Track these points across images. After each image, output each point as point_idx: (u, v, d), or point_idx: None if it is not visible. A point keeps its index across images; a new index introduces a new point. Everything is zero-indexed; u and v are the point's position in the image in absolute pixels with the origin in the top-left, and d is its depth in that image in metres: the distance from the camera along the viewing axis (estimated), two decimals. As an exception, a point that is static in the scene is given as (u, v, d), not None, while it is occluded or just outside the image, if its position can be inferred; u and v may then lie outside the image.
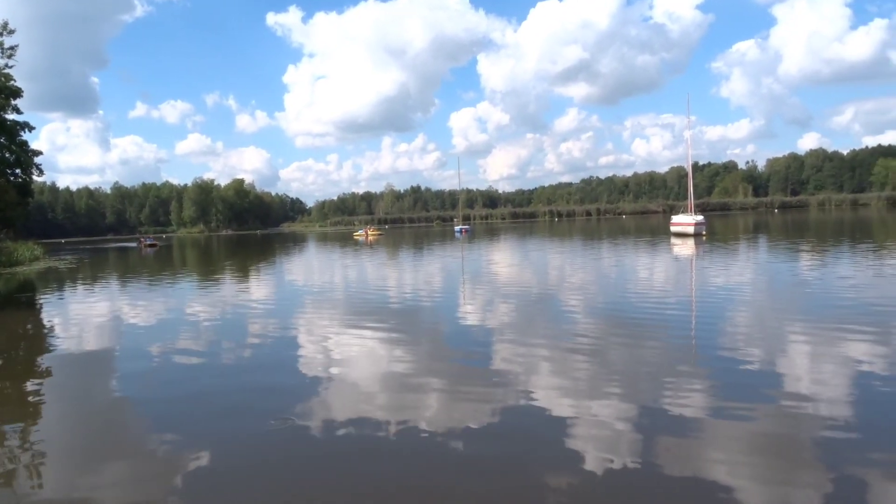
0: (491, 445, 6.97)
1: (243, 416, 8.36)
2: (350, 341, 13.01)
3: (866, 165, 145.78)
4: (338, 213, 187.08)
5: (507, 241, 60.48)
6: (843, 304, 14.71)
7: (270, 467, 6.62)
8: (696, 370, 9.68)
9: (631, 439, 6.91)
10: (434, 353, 11.83)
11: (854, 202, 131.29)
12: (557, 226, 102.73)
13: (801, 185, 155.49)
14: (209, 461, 6.87)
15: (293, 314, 17.22)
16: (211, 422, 8.23)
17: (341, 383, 9.75)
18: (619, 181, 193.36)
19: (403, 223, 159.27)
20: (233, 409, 8.65)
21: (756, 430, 7.07)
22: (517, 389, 8.91)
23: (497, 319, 15.10)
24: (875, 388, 8.28)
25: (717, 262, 27.84)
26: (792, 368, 9.50)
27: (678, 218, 54.03)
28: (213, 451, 7.14)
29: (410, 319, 15.85)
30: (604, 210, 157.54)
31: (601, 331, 13.02)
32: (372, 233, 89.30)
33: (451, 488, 5.99)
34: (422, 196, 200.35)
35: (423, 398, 8.85)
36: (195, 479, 6.46)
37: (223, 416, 8.43)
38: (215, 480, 6.42)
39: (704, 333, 12.58)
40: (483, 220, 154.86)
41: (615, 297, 18.27)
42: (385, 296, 20.76)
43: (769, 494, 5.58)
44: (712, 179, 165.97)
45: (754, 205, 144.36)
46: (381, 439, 7.26)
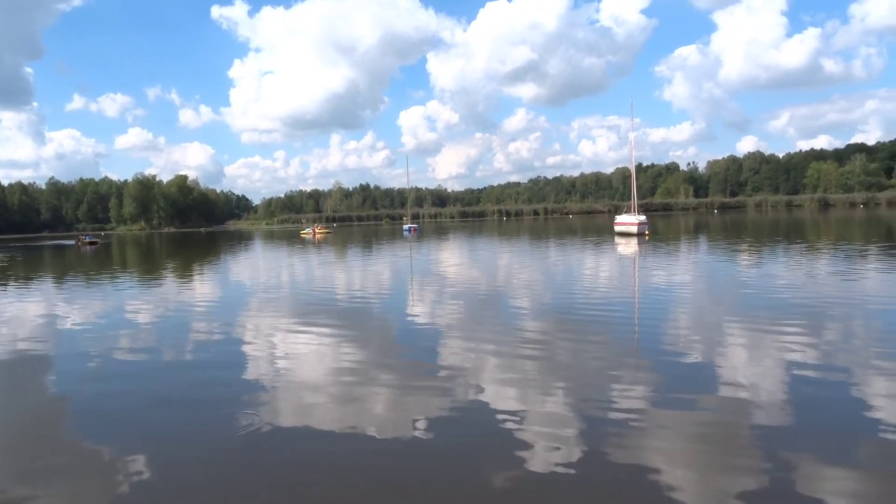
0: (440, 441, 7.02)
1: (186, 417, 8.20)
2: (297, 341, 12.87)
3: (800, 168, 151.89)
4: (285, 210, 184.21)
5: (455, 239, 60.72)
6: (777, 301, 15.33)
7: (215, 467, 6.51)
8: (639, 364, 9.95)
9: (577, 432, 7.05)
10: (382, 352, 11.82)
11: (789, 203, 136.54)
12: (506, 225, 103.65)
13: (740, 187, 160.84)
14: (149, 464, 6.70)
15: (239, 314, 16.92)
16: (152, 424, 8.01)
17: (288, 383, 9.64)
18: (567, 181, 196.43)
19: (352, 221, 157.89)
20: (175, 411, 8.46)
21: (696, 420, 7.31)
22: (466, 386, 8.98)
23: (445, 317, 15.16)
24: (805, 380, 8.66)
25: (659, 261, 28.59)
26: (729, 362, 9.85)
27: (622, 218, 55.23)
28: (154, 454, 6.95)
29: (358, 318, 15.78)
30: (551, 210, 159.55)
31: (548, 328, 13.24)
32: (319, 231, 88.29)
33: (399, 483, 6.01)
34: (371, 194, 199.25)
35: (372, 396, 8.83)
36: (135, 481, 6.29)
37: (165, 417, 8.23)
38: (156, 482, 6.28)
39: (647, 329, 12.93)
40: (432, 219, 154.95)
41: (561, 295, 18.58)
42: (332, 295, 20.61)
43: (708, 482, 5.78)
44: (655, 180, 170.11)
45: (695, 205, 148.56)
46: (328, 437, 7.22)
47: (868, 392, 8.04)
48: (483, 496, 5.72)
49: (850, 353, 10.08)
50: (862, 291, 16.57)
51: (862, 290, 16.73)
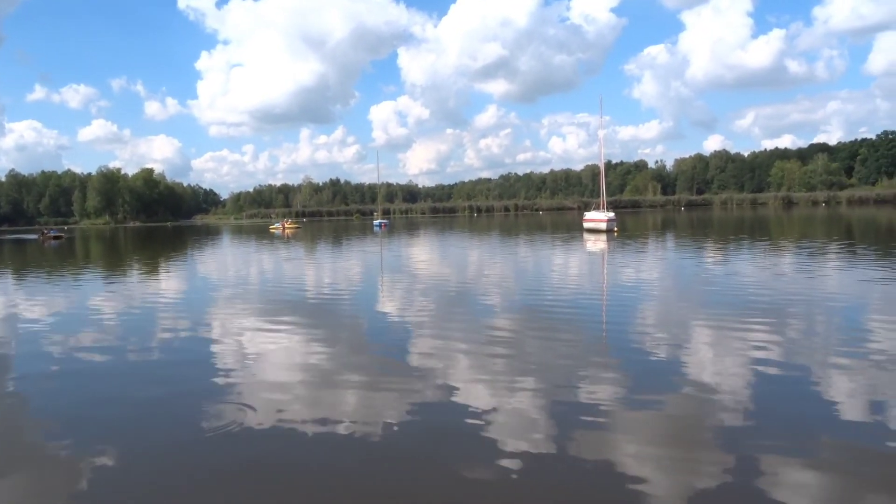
0: (409, 438, 7.02)
1: (150, 418, 8.08)
2: (266, 338, 12.75)
3: (765, 167, 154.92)
4: (254, 205, 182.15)
5: (426, 235, 60.68)
6: (742, 298, 15.63)
7: (180, 470, 6.43)
8: (607, 361, 10.06)
9: (547, 428, 7.12)
10: (352, 349, 11.76)
11: (753, 201, 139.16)
12: (476, 221, 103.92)
13: (706, 185, 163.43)
14: (110, 467, 6.58)
15: (206, 311, 16.70)
16: (113, 425, 7.87)
17: (257, 381, 9.54)
18: (537, 178, 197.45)
19: (322, 217, 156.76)
20: (138, 412, 8.33)
21: (662, 416, 7.44)
22: (436, 383, 9.00)
23: (416, 314, 15.16)
24: (767, 376, 8.84)
25: (627, 258, 28.93)
26: (696, 358, 10.02)
27: (591, 214, 55.76)
28: (116, 457, 6.82)
29: (328, 315, 15.69)
30: (521, 206, 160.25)
31: (518, 324, 13.32)
32: (289, 226, 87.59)
33: (369, 480, 6.00)
34: (341, 189, 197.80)
35: (343, 393, 8.80)
36: (94, 485, 6.18)
37: (127, 419, 8.10)
38: (118, 486, 6.17)
39: (615, 326, 13.08)
40: (403, 215, 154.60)
41: (531, 291, 18.69)
42: (302, 291, 20.45)
43: (674, 476, 5.87)
44: (624, 178, 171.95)
45: (663, 203, 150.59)
46: (299, 435, 7.17)
47: (827, 387, 8.25)
48: (453, 492, 5.73)
49: (810, 349, 10.32)
50: (823, 289, 16.96)
51: (823, 288, 17.13)
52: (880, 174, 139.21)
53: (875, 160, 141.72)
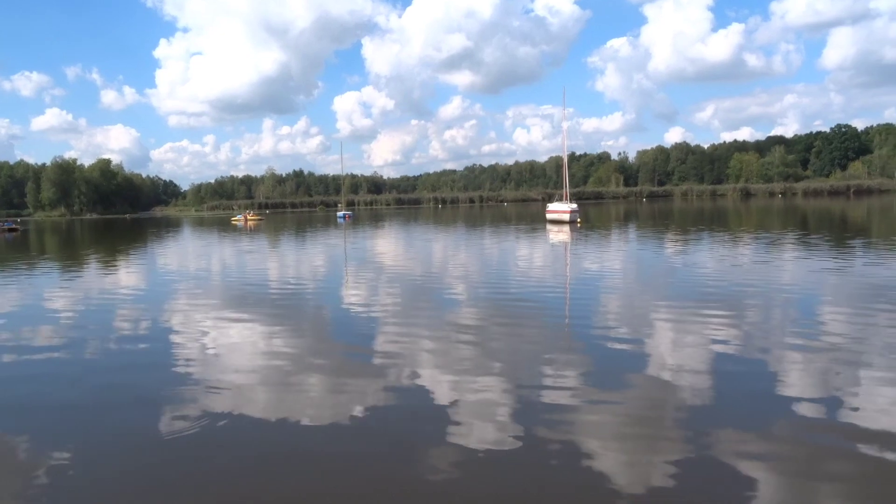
0: (377, 427, 7.05)
1: (108, 414, 7.95)
2: (229, 331, 12.60)
3: (724, 159, 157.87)
4: (215, 197, 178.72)
5: (391, 227, 60.52)
6: (701, 287, 15.99)
7: (139, 471, 6.34)
8: (571, 348, 10.23)
9: (512, 414, 7.21)
10: (317, 341, 11.72)
11: (713, 193, 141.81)
12: (442, 212, 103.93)
13: (667, 176, 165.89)
14: (69, 467, 6.46)
15: (166, 304, 16.42)
16: (70, 427, 7.70)
17: (220, 374, 9.44)
18: (502, 169, 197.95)
19: (285, 208, 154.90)
20: (97, 412, 8.20)
21: (625, 400, 7.58)
22: (401, 374, 9.02)
23: (381, 306, 15.13)
24: (725, 361, 9.09)
25: (590, 249, 29.29)
26: (656, 346, 10.23)
27: (554, 206, 56.20)
28: (72, 460, 6.68)
29: (292, 307, 15.57)
30: (486, 197, 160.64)
31: (483, 314, 13.40)
32: (251, 218, 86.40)
33: (337, 473, 5.99)
34: (305, 181, 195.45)
35: (307, 386, 8.77)
36: (48, 491, 6.06)
37: (85, 420, 7.96)
38: (76, 488, 6.06)
39: (578, 315, 13.27)
40: (368, 206, 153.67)
41: (496, 282, 18.81)
42: (265, 283, 20.25)
43: (637, 458, 6.01)
44: (588, 169, 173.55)
45: (625, 194, 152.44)
46: (264, 428, 7.13)
47: (782, 374, 8.50)
48: (420, 479, 5.77)
49: (766, 335, 10.62)
50: (778, 279, 17.43)
51: (778, 278, 17.60)
52: (834, 166, 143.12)
53: (829, 153, 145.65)
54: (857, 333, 10.49)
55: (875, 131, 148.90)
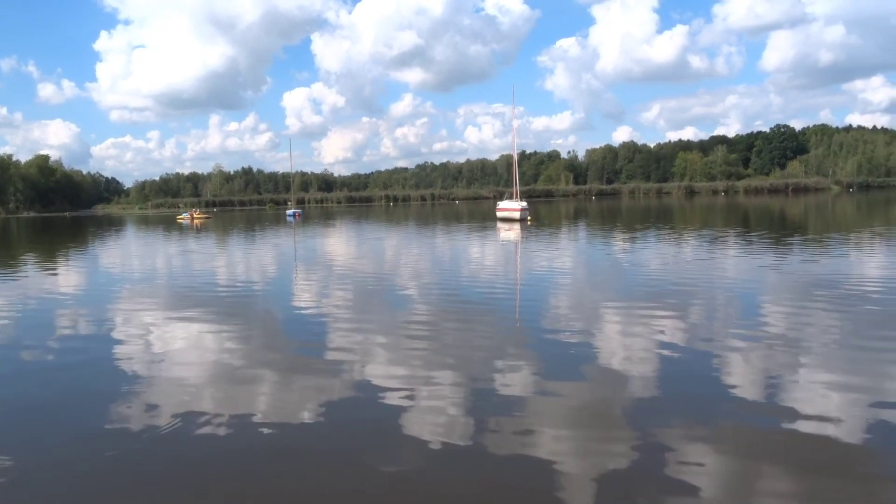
0: (327, 432, 6.96)
1: (51, 422, 7.65)
2: (175, 334, 12.27)
3: (669, 158, 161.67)
4: (160, 194, 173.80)
5: (342, 225, 60.00)
6: (648, 284, 16.35)
7: (83, 477, 6.12)
8: (522, 346, 10.31)
9: (464, 415, 7.22)
10: (266, 342, 11.51)
11: (659, 191, 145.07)
12: (393, 210, 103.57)
13: (616, 175, 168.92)
14: (11, 474, 6.19)
15: (108, 307, 15.89)
16: (10, 437, 7.40)
17: (166, 379, 9.17)
18: (453, 167, 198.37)
19: (234, 206, 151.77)
20: (39, 416, 7.87)
21: (574, 399, 7.68)
22: (353, 376, 8.94)
23: (332, 306, 14.98)
24: (674, 358, 9.29)
25: (540, 246, 29.62)
26: (605, 343, 10.40)
27: (504, 204, 56.57)
28: (16, 463, 6.43)
29: (241, 308, 15.27)
30: (438, 195, 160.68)
31: (435, 313, 13.40)
32: (198, 216, 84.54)
33: (287, 478, 5.89)
34: (254, 178, 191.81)
35: (256, 389, 8.61)
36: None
37: (27, 424, 7.64)
38: (18, 493, 5.80)
39: (530, 313, 13.40)
40: (318, 204, 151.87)
41: (447, 281, 18.85)
42: (212, 284, 19.81)
43: (586, 454, 6.08)
44: (538, 167, 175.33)
45: (575, 192, 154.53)
46: (210, 434, 6.96)
47: (725, 367, 8.74)
48: (371, 484, 5.72)
49: (710, 332, 10.92)
50: (721, 274, 17.94)
51: (721, 273, 18.12)
52: (773, 165, 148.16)
53: (769, 152, 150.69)
54: (796, 327, 10.88)
55: (811, 132, 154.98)
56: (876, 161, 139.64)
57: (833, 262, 19.91)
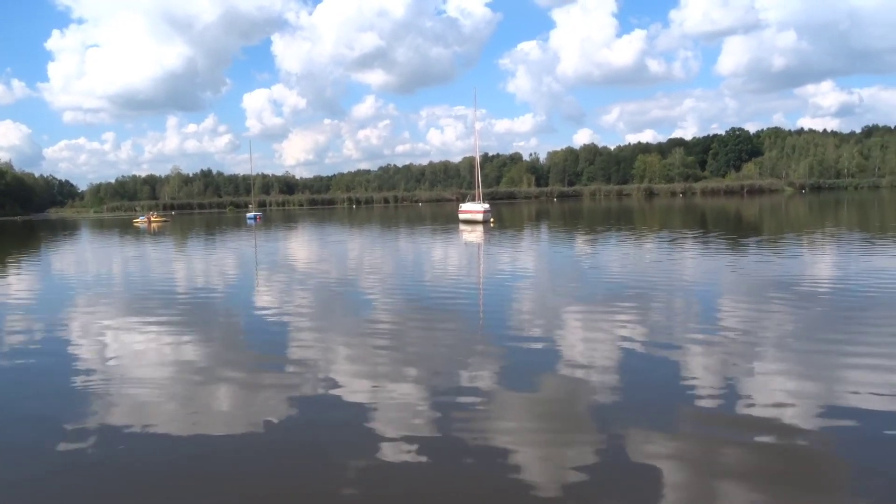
0: (290, 436, 6.86)
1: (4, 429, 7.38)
2: (132, 339, 11.96)
3: (629, 160, 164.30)
4: (116, 197, 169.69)
5: (304, 228, 59.43)
6: (610, 285, 16.56)
7: (34, 485, 5.91)
8: (485, 348, 10.32)
9: (428, 417, 7.19)
10: (227, 347, 11.31)
11: (619, 192, 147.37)
12: (356, 213, 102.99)
13: (577, 177, 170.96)
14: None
15: (63, 312, 15.42)
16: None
17: (123, 385, 8.92)
18: (416, 169, 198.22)
19: (193, 209, 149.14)
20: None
21: (539, 398, 7.74)
22: (317, 379, 8.83)
23: (293, 309, 14.80)
24: (635, 356, 9.42)
25: (503, 248, 29.76)
26: (568, 342, 10.49)
27: (466, 206, 56.64)
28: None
29: (200, 313, 14.97)
30: (401, 198, 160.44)
31: (398, 316, 13.34)
32: (155, 219, 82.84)
33: (250, 482, 5.78)
34: (213, 181, 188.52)
35: (217, 393, 8.46)
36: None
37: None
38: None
39: (493, 314, 13.44)
40: (280, 207, 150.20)
41: (410, 283, 18.80)
42: (170, 288, 19.41)
43: (550, 457, 6.11)
44: (501, 170, 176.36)
45: (537, 194, 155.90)
46: (172, 439, 6.80)
47: (686, 364, 8.88)
48: (335, 486, 5.65)
49: (671, 330, 11.09)
50: (680, 274, 18.27)
51: (680, 274, 18.45)
52: (729, 167, 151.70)
53: (724, 154, 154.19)
54: (752, 327, 11.13)
55: (765, 134, 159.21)
56: (826, 163, 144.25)
57: (787, 262, 20.44)
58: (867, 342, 9.62)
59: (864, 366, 8.43)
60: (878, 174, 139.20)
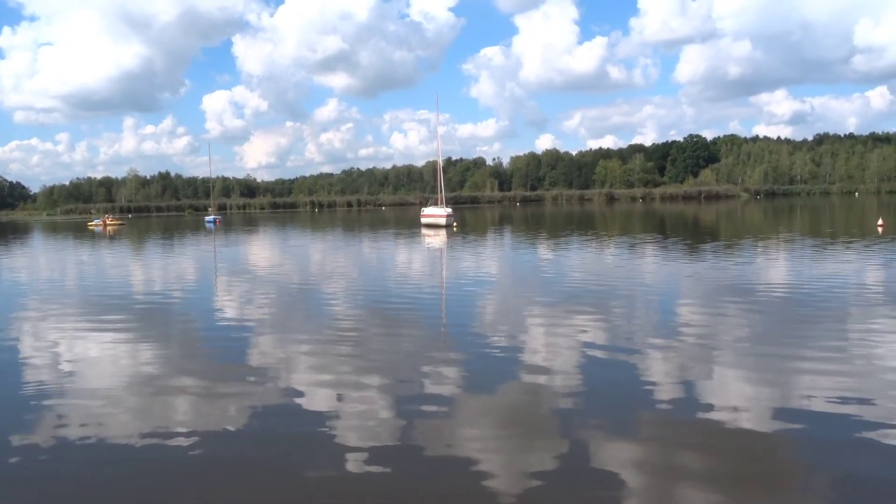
0: (251, 444, 6.75)
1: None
2: (85, 347, 11.65)
3: (590, 165, 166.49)
4: (70, 200, 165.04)
5: (264, 232, 58.70)
6: (571, 288, 16.73)
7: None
8: (448, 354, 10.32)
9: (391, 423, 7.16)
10: (186, 353, 11.09)
11: (581, 197, 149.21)
12: (319, 216, 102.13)
13: (539, 181, 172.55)
14: None
15: (12, 319, 14.93)
16: None
17: (75, 395, 8.67)
18: (379, 173, 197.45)
19: (150, 212, 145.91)
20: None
21: (501, 402, 7.78)
22: (278, 385, 8.72)
23: (254, 316, 14.59)
24: (596, 360, 9.52)
25: (466, 252, 29.84)
26: (530, 346, 10.55)
27: (429, 210, 56.63)
28: None
29: (157, 318, 14.65)
30: (364, 201, 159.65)
31: (360, 322, 13.27)
32: (111, 223, 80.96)
33: (209, 498, 5.67)
34: (172, 183, 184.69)
35: (175, 401, 8.26)
36: None
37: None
38: None
39: (456, 320, 13.46)
40: (241, 210, 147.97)
41: (373, 287, 18.72)
42: (126, 293, 18.97)
43: (513, 462, 6.12)
44: (464, 174, 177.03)
45: (500, 198, 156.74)
46: (127, 449, 6.62)
47: (646, 369, 9.01)
48: (299, 487, 5.61)
49: (631, 335, 11.25)
50: (641, 278, 18.56)
51: (641, 278, 18.74)
52: (687, 173, 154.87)
53: (683, 160, 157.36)
54: (710, 330, 11.37)
55: (722, 141, 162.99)
56: (780, 170, 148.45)
57: (743, 267, 20.91)
58: (818, 346, 9.90)
59: (814, 370, 8.67)
60: (828, 181, 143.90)
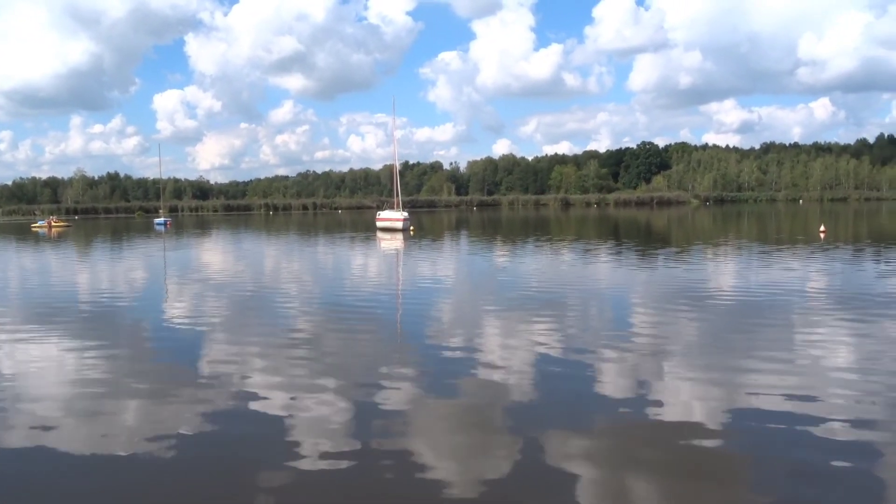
0: (204, 453, 6.60)
1: None
2: (29, 353, 11.22)
3: (546, 171, 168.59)
4: (13, 200, 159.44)
5: (217, 234, 57.62)
6: (527, 292, 16.87)
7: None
8: (404, 357, 10.30)
9: (346, 427, 7.10)
10: (135, 358, 10.77)
11: (537, 202, 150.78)
12: (273, 219, 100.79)
13: (496, 186, 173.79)
14: None
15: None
16: None
17: (19, 401, 8.35)
18: (336, 176, 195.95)
19: (98, 214, 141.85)
20: None
21: (457, 405, 7.78)
22: (230, 390, 8.56)
23: (206, 320, 14.30)
24: (550, 362, 9.62)
25: (423, 256, 29.83)
26: (486, 349, 10.61)
27: (385, 214, 56.44)
28: None
29: (104, 324, 14.24)
30: (320, 205, 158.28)
31: (315, 325, 13.14)
32: (56, 224, 78.47)
33: (160, 498, 5.52)
34: (121, 184, 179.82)
35: (124, 408, 8.03)
36: None
37: None
38: None
39: (411, 322, 13.44)
40: (193, 213, 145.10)
41: (328, 291, 18.56)
42: (71, 297, 18.37)
43: (469, 465, 6.13)
44: (421, 178, 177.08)
45: (457, 203, 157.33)
46: (72, 457, 6.42)
47: (600, 370, 9.15)
48: (252, 493, 5.50)
49: (585, 337, 11.41)
50: (595, 282, 18.85)
51: (595, 282, 19.03)
52: (640, 179, 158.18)
53: (636, 167, 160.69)
54: (662, 331, 11.60)
55: (673, 149, 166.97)
56: (729, 177, 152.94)
57: (693, 271, 21.43)
58: (764, 347, 10.21)
59: (762, 369, 8.93)
60: (774, 188, 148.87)
